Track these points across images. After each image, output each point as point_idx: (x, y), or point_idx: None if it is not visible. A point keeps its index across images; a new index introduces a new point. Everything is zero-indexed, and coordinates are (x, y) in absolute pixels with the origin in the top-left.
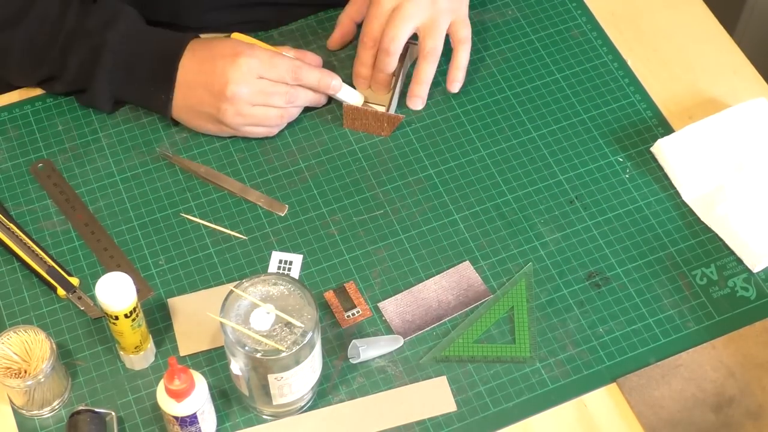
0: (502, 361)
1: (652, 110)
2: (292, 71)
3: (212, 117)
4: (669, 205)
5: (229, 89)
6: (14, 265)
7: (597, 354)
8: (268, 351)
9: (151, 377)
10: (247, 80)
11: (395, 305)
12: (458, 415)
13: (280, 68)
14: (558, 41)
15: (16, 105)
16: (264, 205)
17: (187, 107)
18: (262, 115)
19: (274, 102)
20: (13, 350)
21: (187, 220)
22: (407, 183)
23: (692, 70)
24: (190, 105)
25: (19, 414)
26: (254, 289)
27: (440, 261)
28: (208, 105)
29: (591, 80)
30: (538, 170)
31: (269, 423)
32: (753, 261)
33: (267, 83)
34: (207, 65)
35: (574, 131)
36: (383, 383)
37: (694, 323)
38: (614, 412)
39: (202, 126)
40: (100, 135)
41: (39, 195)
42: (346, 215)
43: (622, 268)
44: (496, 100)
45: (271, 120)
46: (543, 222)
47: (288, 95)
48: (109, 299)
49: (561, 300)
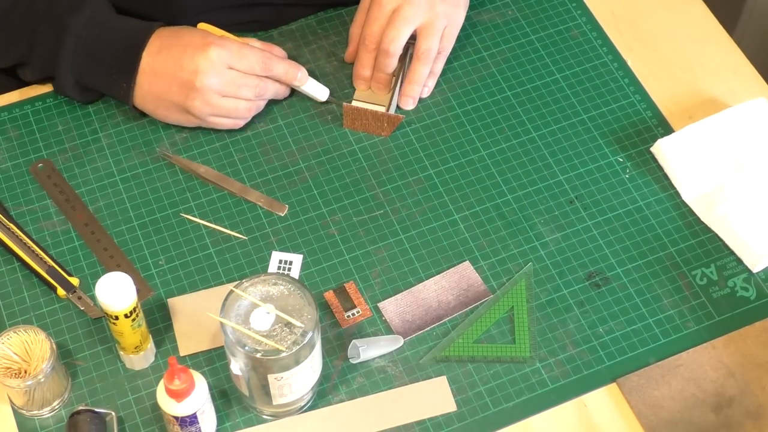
0: (502, 361)
1: (652, 110)
2: (261, 62)
3: (179, 106)
4: (669, 205)
5: (198, 79)
6: (14, 265)
7: (597, 354)
8: (268, 351)
9: (151, 377)
10: (217, 70)
11: (395, 305)
12: (458, 415)
13: (249, 59)
14: (558, 41)
15: (16, 105)
16: (264, 205)
17: (153, 96)
18: (231, 107)
19: (243, 94)
20: (13, 350)
21: (187, 220)
22: (407, 183)
23: (692, 70)
24: (156, 94)
25: (19, 414)
26: (254, 289)
27: (440, 261)
28: (176, 94)
29: (591, 80)
30: (538, 170)
31: (269, 423)
32: (753, 261)
33: (236, 74)
34: (175, 54)
35: (574, 131)
36: (383, 383)
37: (694, 323)
38: (614, 412)
39: (167, 116)
40: (100, 135)
41: (39, 195)
42: (346, 215)
43: (622, 268)
44: (496, 101)
45: (240, 112)
46: (543, 222)
47: (258, 88)
48: (109, 299)
49: (561, 300)
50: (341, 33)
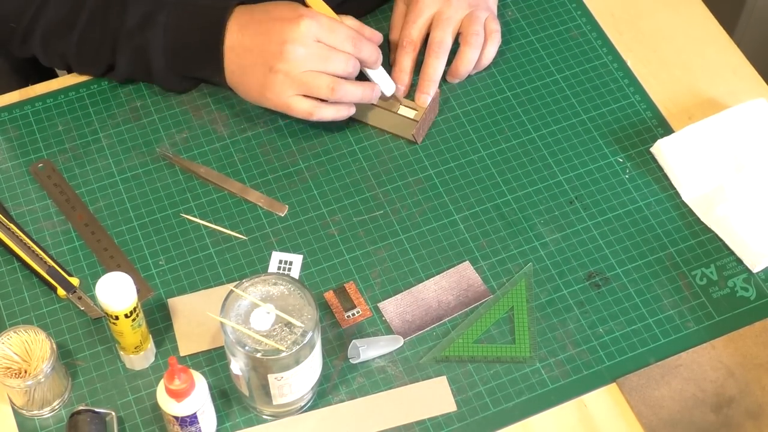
0: (502, 361)
1: (651, 111)
2: (351, 40)
3: (262, 81)
4: (669, 205)
5: (285, 49)
6: (14, 265)
7: (597, 354)
8: (268, 351)
9: (151, 377)
10: (304, 42)
11: (395, 305)
12: (458, 415)
13: (339, 34)
14: (558, 42)
15: (16, 105)
16: (264, 205)
17: (240, 69)
18: (312, 83)
19: (330, 68)
20: (13, 350)
21: (187, 220)
22: (407, 183)
23: (692, 70)
24: (243, 66)
25: (19, 414)
26: (254, 289)
27: (440, 261)
28: (261, 66)
29: (591, 81)
30: (538, 170)
31: (269, 423)
32: (753, 261)
33: (324, 48)
34: (264, 27)
35: (574, 132)
36: (383, 383)
37: (693, 323)
38: (614, 412)
39: (248, 91)
40: (100, 135)
41: (39, 195)
42: (346, 215)
43: (622, 268)
44: (496, 101)
45: (321, 90)
46: (543, 222)
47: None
48: (109, 299)
49: (561, 300)
50: None
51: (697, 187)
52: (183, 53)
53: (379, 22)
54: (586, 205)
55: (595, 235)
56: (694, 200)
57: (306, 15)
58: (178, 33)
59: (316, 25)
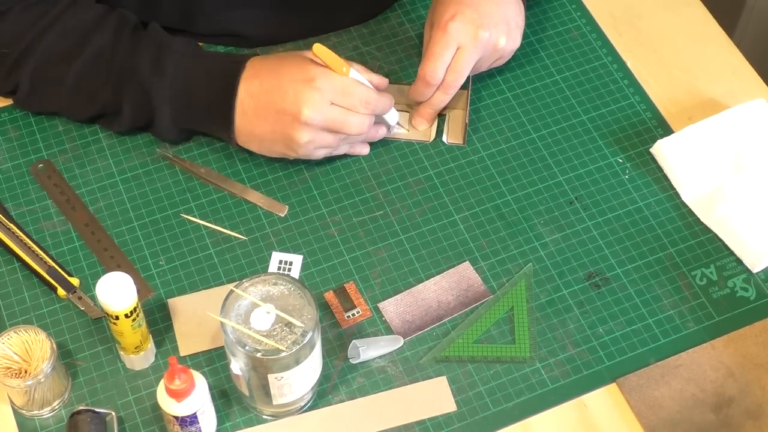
0: (502, 361)
1: (651, 111)
2: (365, 101)
3: (282, 145)
4: (669, 205)
5: (302, 116)
6: (14, 266)
7: (597, 354)
8: (268, 351)
9: (151, 377)
10: (320, 108)
11: (395, 305)
12: (458, 415)
13: (353, 97)
14: (557, 43)
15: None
16: (264, 205)
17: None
18: (333, 143)
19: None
20: (13, 350)
21: (187, 220)
22: (407, 183)
23: (691, 71)
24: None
25: (19, 414)
26: (254, 289)
27: (440, 261)
28: (279, 134)
29: (591, 81)
30: (538, 171)
31: (269, 423)
32: (753, 261)
33: (339, 110)
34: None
35: (574, 132)
36: (383, 383)
37: (693, 323)
38: (614, 412)
39: (270, 152)
40: (100, 135)
41: (39, 195)
42: (346, 215)
43: (622, 268)
44: (496, 101)
45: (340, 149)
46: (543, 222)
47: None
48: (109, 299)
49: (561, 300)
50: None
51: (697, 187)
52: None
53: (380, 23)
54: (586, 206)
55: (595, 235)
56: (694, 200)
57: (318, 76)
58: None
59: (330, 88)
